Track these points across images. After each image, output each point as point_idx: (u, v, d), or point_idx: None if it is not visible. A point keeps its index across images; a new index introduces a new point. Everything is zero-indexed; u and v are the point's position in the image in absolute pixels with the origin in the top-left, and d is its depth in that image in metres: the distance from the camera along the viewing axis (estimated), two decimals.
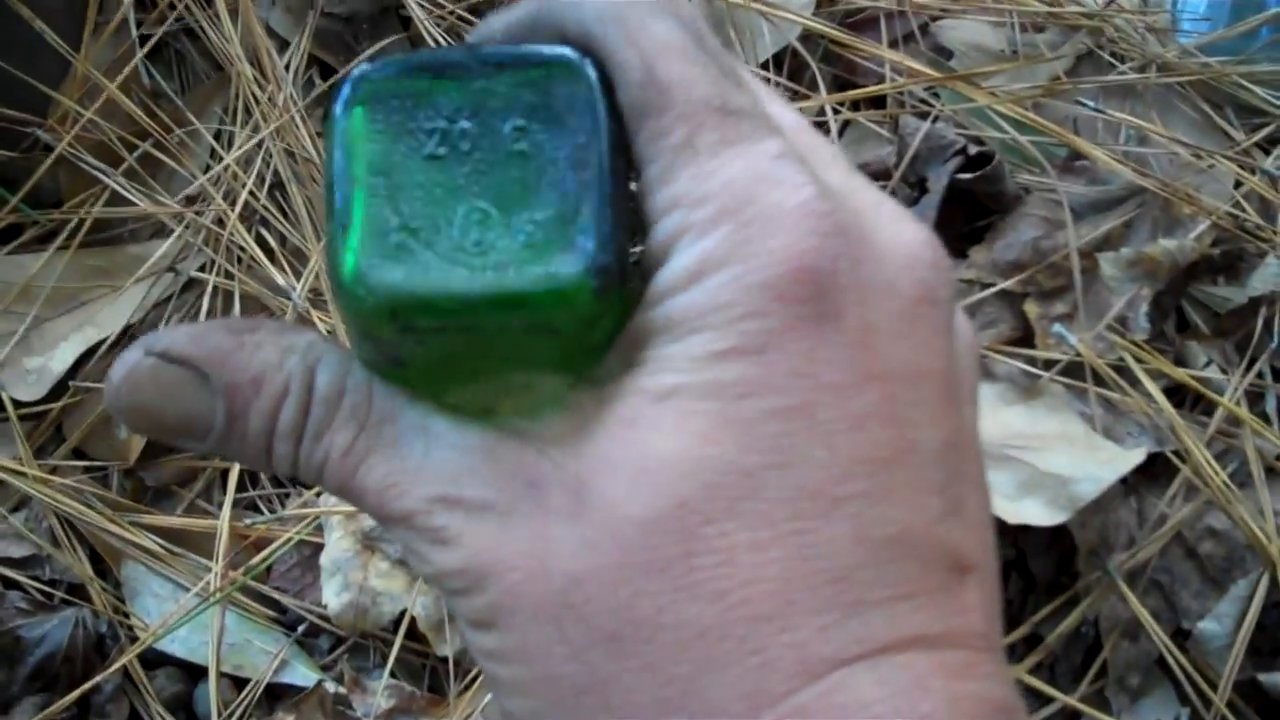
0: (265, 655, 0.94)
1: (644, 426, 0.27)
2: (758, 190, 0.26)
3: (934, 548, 0.27)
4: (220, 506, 0.98)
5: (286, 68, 1.14)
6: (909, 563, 0.26)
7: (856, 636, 0.26)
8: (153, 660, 0.95)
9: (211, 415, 0.29)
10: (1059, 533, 0.90)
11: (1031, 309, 1.03)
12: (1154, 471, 0.97)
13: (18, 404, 1.02)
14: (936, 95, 1.13)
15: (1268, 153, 1.12)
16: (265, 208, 1.09)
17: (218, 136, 1.14)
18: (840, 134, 1.13)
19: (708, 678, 0.25)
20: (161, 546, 0.97)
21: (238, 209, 1.08)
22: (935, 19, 1.19)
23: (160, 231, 1.10)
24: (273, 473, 0.30)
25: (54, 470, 1.00)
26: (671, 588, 0.26)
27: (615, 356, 0.28)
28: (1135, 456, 0.93)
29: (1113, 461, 0.91)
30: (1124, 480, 0.92)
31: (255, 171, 1.10)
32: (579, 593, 0.26)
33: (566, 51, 0.28)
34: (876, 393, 0.27)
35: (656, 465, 0.26)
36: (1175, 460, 0.96)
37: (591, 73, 0.28)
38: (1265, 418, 1.00)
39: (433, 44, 1.12)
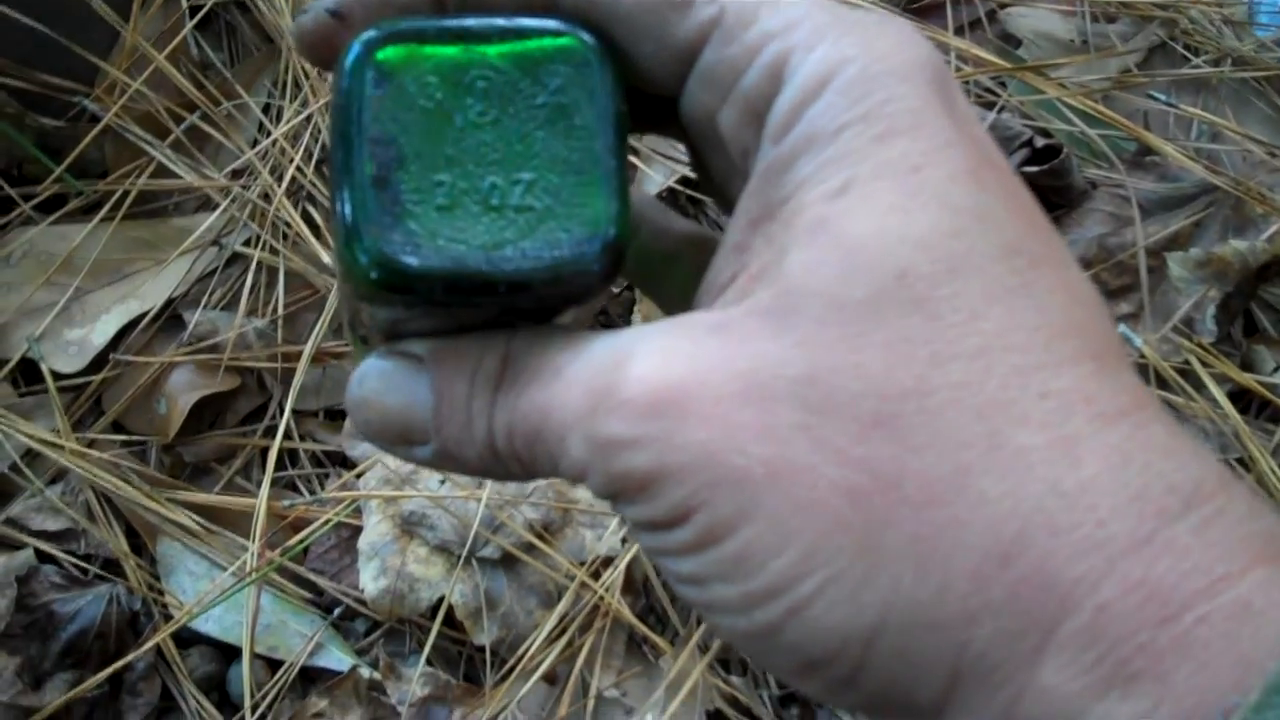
0: (300, 637, 0.93)
1: (831, 221, 0.26)
2: (839, 11, 0.27)
3: (1110, 323, 0.27)
4: (259, 485, 0.97)
5: None
6: (1111, 333, 0.27)
7: (1122, 387, 0.26)
8: (186, 639, 0.94)
9: (426, 395, 0.30)
10: None
11: None
12: None
13: (57, 376, 1.00)
14: (1004, 85, 1.10)
15: None
16: (312, 183, 1.07)
17: (266, 110, 1.13)
18: None
19: (1009, 430, 0.24)
20: (198, 524, 0.96)
21: (284, 184, 1.06)
22: (1004, 6, 1.16)
23: (205, 205, 1.09)
24: (478, 462, 0.30)
25: (92, 444, 0.99)
26: (926, 355, 0.25)
27: (764, 196, 0.27)
28: None
29: None
30: None
31: (303, 146, 1.08)
32: (816, 392, 0.25)
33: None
34: (1002, 174, 0.27)
35: (861, 245, 0.25)
36: (1239, 468, 0.94)
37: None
38: None
39: None
